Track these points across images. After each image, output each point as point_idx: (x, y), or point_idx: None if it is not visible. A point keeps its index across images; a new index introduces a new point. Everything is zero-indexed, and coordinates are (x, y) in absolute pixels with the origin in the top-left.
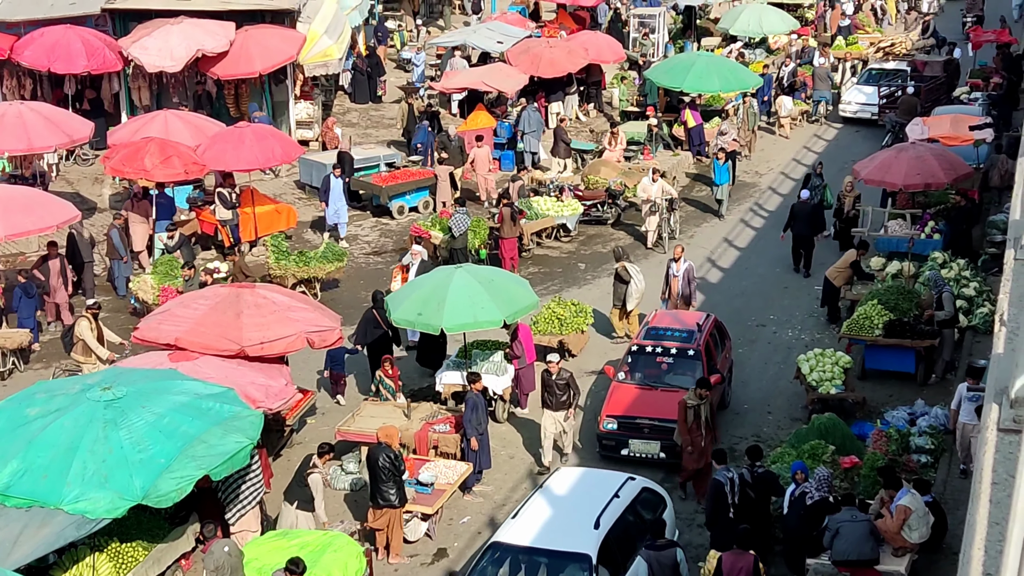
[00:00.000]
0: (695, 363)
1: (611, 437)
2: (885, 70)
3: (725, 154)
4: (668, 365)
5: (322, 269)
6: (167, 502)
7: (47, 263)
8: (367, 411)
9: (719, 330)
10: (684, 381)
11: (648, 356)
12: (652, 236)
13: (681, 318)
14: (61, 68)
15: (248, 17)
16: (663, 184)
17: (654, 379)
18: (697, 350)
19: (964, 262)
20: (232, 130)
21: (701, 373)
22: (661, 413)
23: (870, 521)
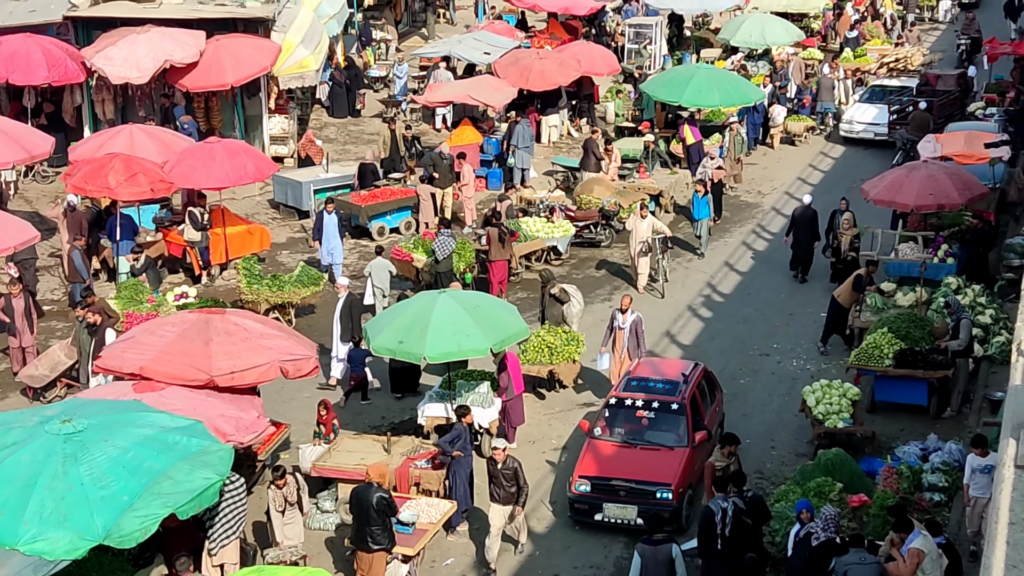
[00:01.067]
0: (679, 418)
1: (583, 500)
2: (890, 87)
3: (704, 187)
4: (649, 420)
5: (297, 294)
6: (131, 542)
7: (11, 302)
8: (344, 446)
9: (708, 380)
10: (666, 438)
11: (627, 410)
12: (643, 279)
13: (665, 367)
14: (20, 79)
15: (219, 26)
16: (653, 221)
17: (633, 436)
18: (681, 404)
19: (979, 288)
20: (202, 146)
21: (686, 429)
22: (639, 474)
23: (879, 563)
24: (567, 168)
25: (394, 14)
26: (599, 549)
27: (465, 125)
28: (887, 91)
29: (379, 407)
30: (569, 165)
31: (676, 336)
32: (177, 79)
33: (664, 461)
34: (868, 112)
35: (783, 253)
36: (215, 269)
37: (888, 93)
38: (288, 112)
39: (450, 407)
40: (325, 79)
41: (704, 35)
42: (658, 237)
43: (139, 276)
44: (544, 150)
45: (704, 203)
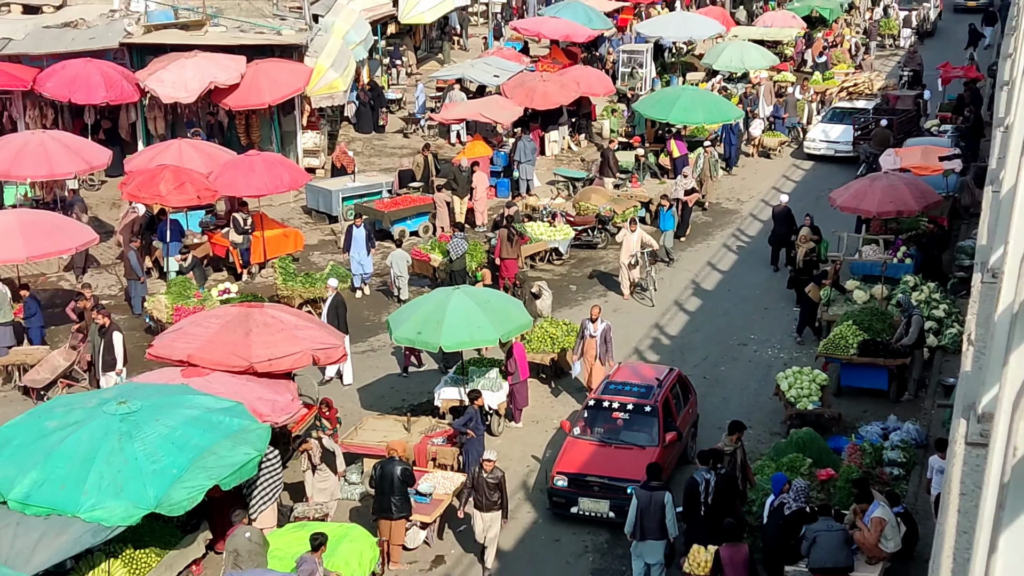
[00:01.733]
0: (652, 420)
1: (561, 494)
2: (849, 109)
3: (669, 201)
4: (624, 421)
5: (327, 290)
6: (179, 510)
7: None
8: (369, 425)
9: (682, 385)
10: (639, 438)
11: (604, 411)
12: (626, 288)
13: (642, 372)
14: (81, 99)
15: (258, 51)
16: (642, 235)
17: (609, 435)
18: (654, 406)
19: (934, 285)
20: (243, 158)
21: (657, 430)
22: (612, 471)
23: (845, 531)
24: (568, 178)
25: (413, 41)
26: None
27: (477, 140)
28: (846, 112)
29: (400, 391)
30: (570, 175)
31: (664, 328)
32: (221, 99)
33: (636, 459)
34: (829, 131)
35: (759, 254)
36: (254, 268)
37: (847, 114)
38: (319, 128)
39: (463, 391)
40: (352, 99)
41: (689, 60)
42: (646, 250)
43: (187, 274)
44: (547, 162)
45: (669, 216)
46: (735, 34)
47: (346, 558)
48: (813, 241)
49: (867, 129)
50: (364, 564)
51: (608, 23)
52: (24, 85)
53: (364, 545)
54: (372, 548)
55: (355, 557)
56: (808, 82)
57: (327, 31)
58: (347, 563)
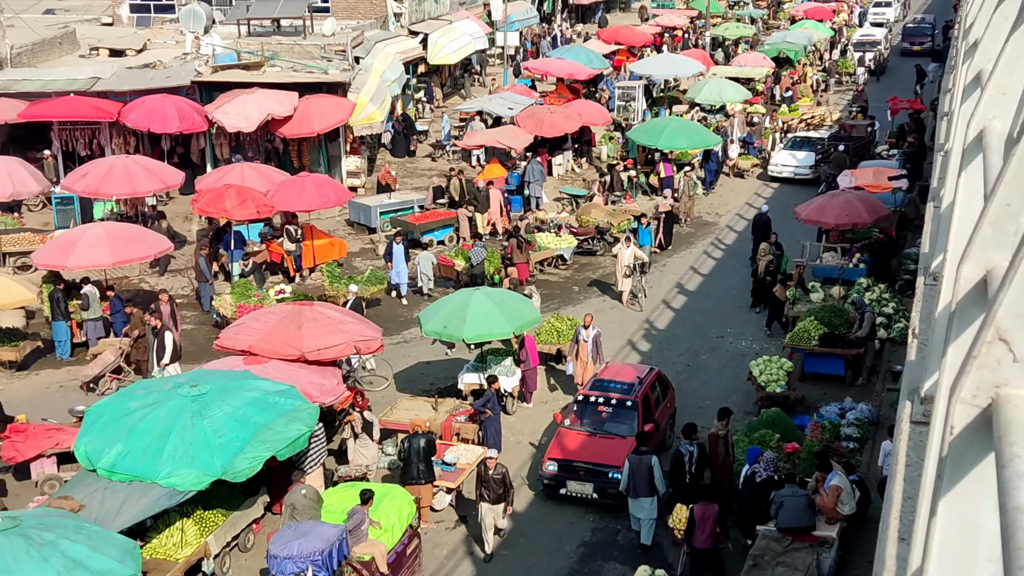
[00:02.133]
0: (632, 413)
1: (551, 478)
2: (808, 138)
3: (648, 218)
4: (608, 414)
5: (367, 290)
6: (241, 477)
7: (160, 307)
8: (402, 405)
9: (661, 382)
10: (620, 429)
11: (591, 405)
12: (626, 295)
13: (626, 371)
14: (159, 128)
15: (309, 88)
16: (635, 250)
17: (595, 426)
18: (634, 401)
19: (884, 286)
20: (295, 179)
21: (637, 423)
22: (596, 458)
23: (808, 496)
24: (571, 195)
25: (440, 79)
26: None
27: (494, 163)
28: (805, 141)
29: (428, 376)
30: (573, 193)
31: (653, 323)
32: (277, 128)
33: (617, 448)
34: (791, 157)
35: (735, 260)
36: (305, 272)
37: (807, 142)
38: (360, 153)
39: (482, 376)
40: (388, 128)
41: (675, 94)
42: (638, 262)
43: (248, 277)
44: (553, 182)
45: (646, 232)
46: (714, 72)
47: (387, 512)
48: (773, 255)
49: (827, 154)
50: (403, 518)
51: (606, 63)
52: (111, 117)
53: (404, 502)
54: (410, 505)
55: (395, 512)
56: (777, 113)
57: (367, 71)
58: (388, 516)
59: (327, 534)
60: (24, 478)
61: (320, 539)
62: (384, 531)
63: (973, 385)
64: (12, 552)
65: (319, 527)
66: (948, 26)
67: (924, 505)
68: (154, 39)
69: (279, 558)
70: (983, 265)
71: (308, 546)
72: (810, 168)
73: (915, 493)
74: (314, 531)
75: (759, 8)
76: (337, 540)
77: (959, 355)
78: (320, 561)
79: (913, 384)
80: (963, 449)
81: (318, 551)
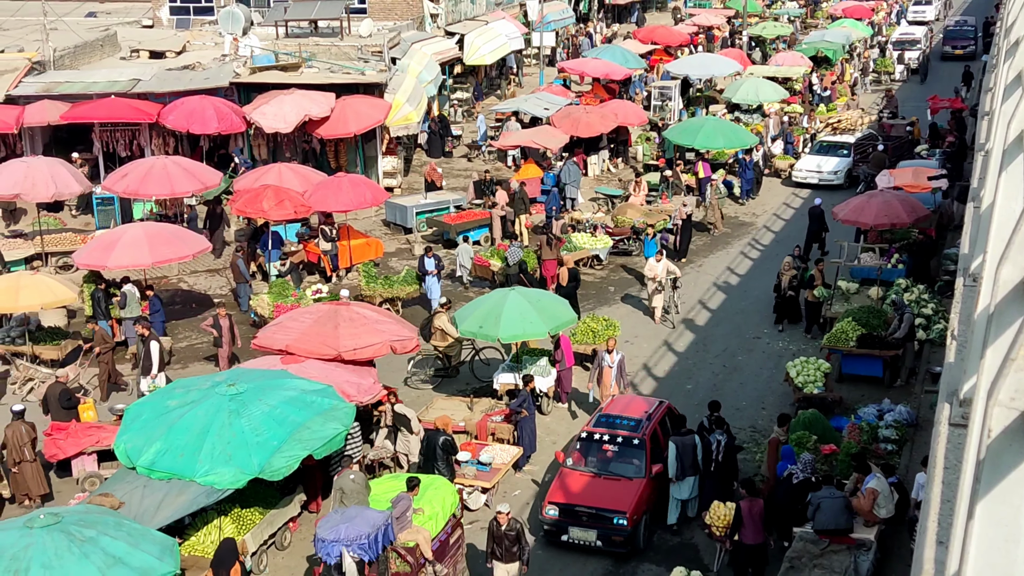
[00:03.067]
0: (640, 452)
1: (552, 523)
2: (833, 142)
3: (654, 230)
4: (614, 453)
5: (403, 290)
6: (279, 476)
7: (218, 321)
8: (438, 405)
9: (671, 416)
10: (627, 470)
11: (596, 443)
12: (659, 312)
13: (632, 406)
14: (197, 129)
15: (345, 89)
16: (667, 264)
17: (599, 466)
18: (642, 439)
19: (923, 287)
20: (332, 179)
21: (645, 463)
22: (601, 502)
23: (845, 498)
24: (607, 195)
25: (476, 79)
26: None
27: (529, 163)
28: (831, 145)
29: (464, 376)
30: (609, 193)
31: (690, 324)
32: (314, 129)
33: (623, 490)
34: (815, 162)
35: (772, 260)
36: (342, 271)
37: (832, 147)
38: (396, 154)
39: (518, 376)
40: (424, 128)
41: (712, 94)
42: (670, 277)
43: (285, 277)
44: (589, 182)
45: (652, 244)
46: (751, 72)
47: (431, 501)
48: (796, 269)
49: (866, 153)
50: (446, 507)
51: (642, 63)
52: (150, 118)
53: (447, 492)
54: (453, 495)
55: (439, 501)
56: (815, 112)
57: (403, 71)
58: (432, 505)
59: (373, 519)
60: (66, 475)
61: (366, 524)
62: (429, 518)
63: (1011, 388)
64: (54, 548)
65: (366, 512)
66: (988, 23)
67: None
68: (193, 41)
69: (326, 541)
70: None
71: (354, 530)
72: (835, 174)
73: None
74: (360, 516)
75: (797, 7)
76: (383, 525)
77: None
78: (366, 545)
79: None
80: (1001, 452)
81: (364, 535)
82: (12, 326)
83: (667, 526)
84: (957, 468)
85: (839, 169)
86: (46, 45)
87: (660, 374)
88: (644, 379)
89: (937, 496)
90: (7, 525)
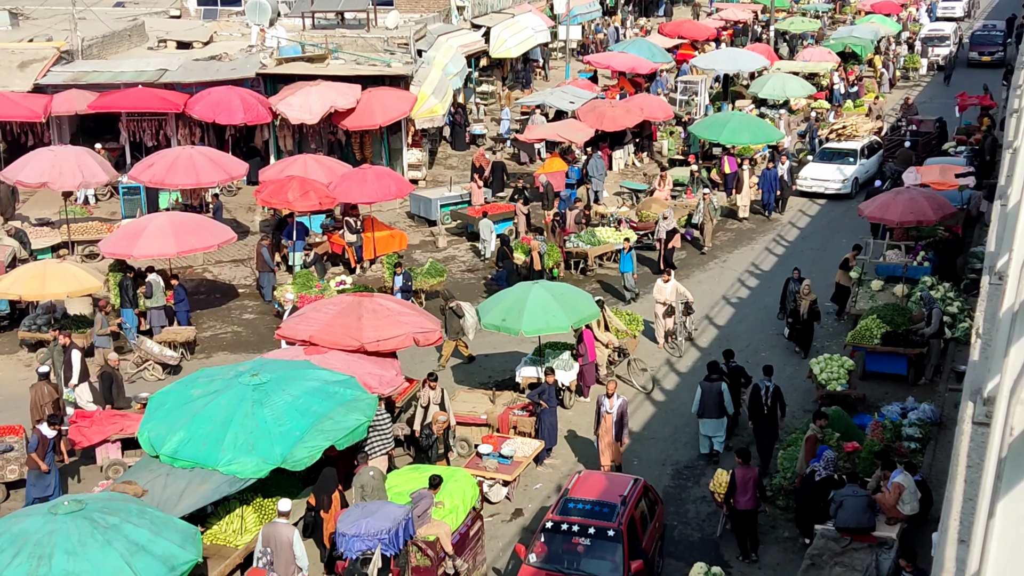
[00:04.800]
0: (615, 546)
1: None
2: (838, 149)
3: (631, 244)
4: (584, 548)
5: (426, 282)
6: (301, 466)
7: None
8: (460, 397)
9: (648, 497)
10: (601, 567)
11: (563, 535)
12: (660, 337)
13: (604, 486)
14: (224, 120)
15: (371, 81)
16: (677, 285)
17: (568, 563)
18: (618, 530)
19: (949, 285)
20: (357, 171)
21: (621, 557)
22: None
23: (868, 496)
24: (632, 190)
25: (502, 72)
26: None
27: (554, 157)
28: (836, 153)
29: (487, 369)
30: (633, 187)
31: (714, 319)
32: (339, 120)
33: None
34: (820, 170)
35: (796, 256)
36: (366, 263)
37: (837, 155)
38: (421, 146)
39: (540, 370)
40: (447, 120)
41: (738, 89)
42: (681, 300)
43: (309, 268)
44: (614, 176)
45: (627, 258)
46: (778, 67)
47: (452, 494)
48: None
49: (893, 149)
50: (467, 500)
51: (668, 57)
52: (177, 108)
53: (467, 484)
54: (473, 487)
55: (459, 494)
56: (841, 108)
57: (429, 64)
58: (452, 498)
59: (394, 514)
60: (90, 463)
61: (387, 518)
62: (449, 512)
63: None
64: (78, 534)
65: (386, 507)
66: (1011, 20)
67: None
68: (220, 31)
69: (347, 536)
70: None
71: (375, 525)
72: (843, 183)
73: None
74: (381, 511)
75: (824, 2)
76: (403, 520)
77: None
78: (387, 540)
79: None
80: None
81: (385, 530)
82: (39, 314)
83: (686, 521)
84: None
85: (847, 177)
86: (74, 34)
87: (683, 369)
88: (667, 375)
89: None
90: (32, 511)
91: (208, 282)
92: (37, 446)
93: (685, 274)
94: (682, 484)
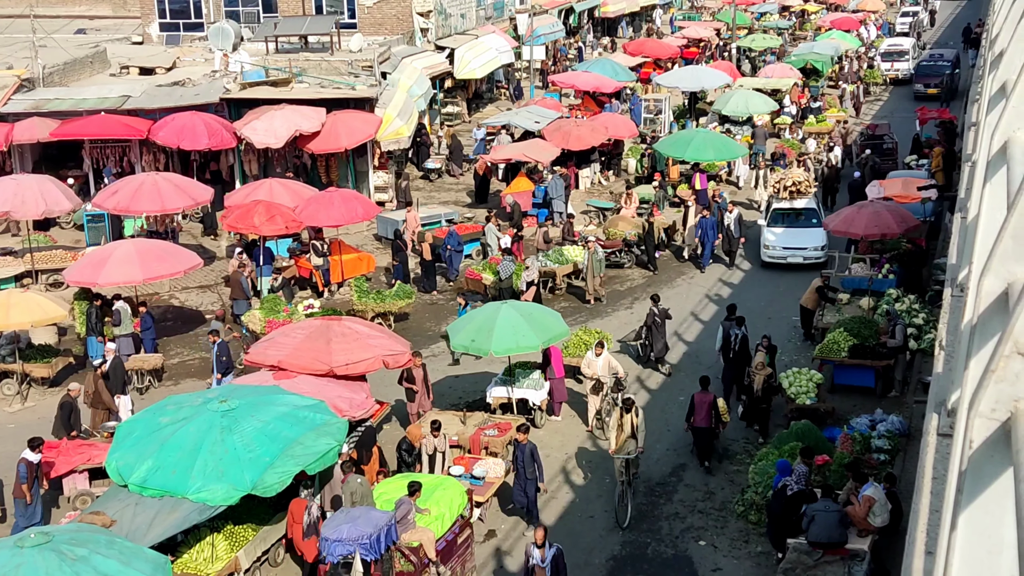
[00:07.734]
0: None
1: None
2: (789, 210)
3: (465, 299)
4: None
5: (395, 305)
6: (271, 492)
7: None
8: (431, 418)
9: None
10: None
11: None
12: (592, 418)
13: None
14: (188, 145)
15: (336, 104)
16: (609, 359)
17: None
18: None
19: (914, 297)
20: (324, 194)
21: None
22: None
23: (840, 511)
24: (598, 208)
25: (467, 93)
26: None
27: (521, 176)
28: (787, 213)
29: (456, 389)
30: (600, 206)
31: (682, 335)
32: (305, 144)
33: None
34: (778, 237)
35: (766, 273)
36: (334, 287)
37: (790, 215)
38: (387, 168)
39: (512, 390)
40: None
41: (702, 107)
42: (613, 374)
43: (277, 292)
44: (581, 194)
45: (463, 313)
46: (740, 84)
47: (438, 502)
48: (771, 367)
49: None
50: (454, 508)
51: (632, 76)
52: (141, 134)
53: (455, 493)
54: (461, 496)
55: (446, 502)
56: (804, 124)
57: (394, 86)
58: (438, 506)
59: (376, 519)
60: (57, 493)
61: (369, 524)
62: (435, 519)
63: (992, 399)
64: (45, 567)
65: (369, 512)
66: (967, 30)
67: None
68: (183, 57)
69: (329, 540)
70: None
71: (357, 530)
72: (820, 249)
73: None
74: (364, 516)
75: (785, 20)
76: (386, 525)
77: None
78: (368, 544)
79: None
80: (983, 463)
81: (367, 535)
82: (2, 344)
83: (660, 538)
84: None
85: (822, 244)
86: (35, 62)
87: (653, 386)
88: (638, 390)
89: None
90: None
91: (175, 308)
92: (27, 475)
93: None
94: (654, 501)
